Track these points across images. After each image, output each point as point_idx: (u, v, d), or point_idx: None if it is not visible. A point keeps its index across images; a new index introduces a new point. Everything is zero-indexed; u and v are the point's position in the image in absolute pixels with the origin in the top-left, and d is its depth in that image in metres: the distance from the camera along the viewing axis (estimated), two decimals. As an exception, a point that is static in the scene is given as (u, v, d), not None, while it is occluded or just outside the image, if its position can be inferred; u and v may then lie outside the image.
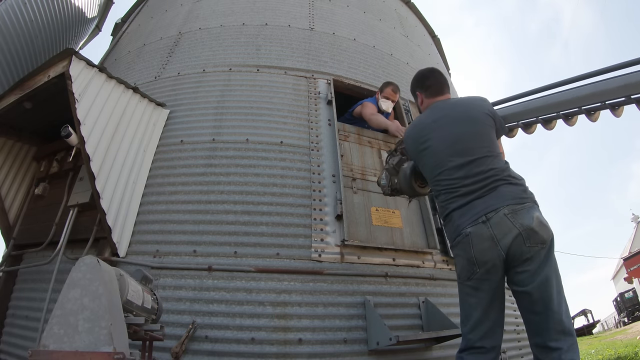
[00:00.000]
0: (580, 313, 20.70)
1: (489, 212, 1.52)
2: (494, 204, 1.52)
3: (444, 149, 1.70)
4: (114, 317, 1.20)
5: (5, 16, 4.50)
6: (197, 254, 2.38)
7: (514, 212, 1.50)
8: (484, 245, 1.51)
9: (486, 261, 1.51)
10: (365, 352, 2.19)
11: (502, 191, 1.55)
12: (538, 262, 1.48)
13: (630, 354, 5.87)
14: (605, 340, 10.37)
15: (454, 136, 1.70)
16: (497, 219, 1.50)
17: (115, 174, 2.50)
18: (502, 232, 1.49)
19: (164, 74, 3.54)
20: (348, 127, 3.16)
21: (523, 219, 1.49)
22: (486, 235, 1.50)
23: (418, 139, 1.82)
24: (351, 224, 2.58)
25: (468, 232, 1.54)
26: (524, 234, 1.47)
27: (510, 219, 1.49)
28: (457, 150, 1.67)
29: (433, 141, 1.74)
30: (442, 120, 1.77)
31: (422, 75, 2.05)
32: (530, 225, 1.48)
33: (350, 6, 4.52)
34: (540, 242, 1.48)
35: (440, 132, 1.74)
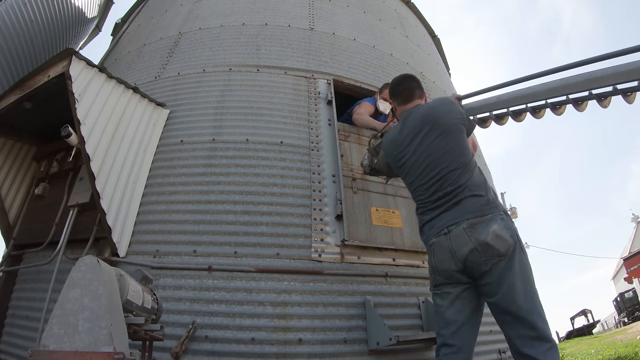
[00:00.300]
0: (580, 313, 20.70)
1: (451, 225, 1.62)
2: (456, 218, 1.62)
3: (417, 167, 1.79)
4: (114, 317, 1.20)
5: (5, 16, 4.50)
6: (197, 254, 2.38)
7: (472, 226, 1.58)
8: (443, 256, 1.63)
9: (445, 270, 1.63)
10: (365, 352, 2.19)
11: (465, 204, 1.63)
12: (498, 273, 1.53)
13: (630, 354, 5.88)
14: (605, 340, 10.37)
15: (424, 153, 1.77)
16: (456, 232, 1.59)
17: (115, 174, 2.50)
18: (458, 244, 1.58)
19: (164, 74, 3.54)
20: (348, 127, 3.16)
21: (479, 234, 1.56)
22: (445, 247, 1.62)
23: (395, 157, 1.92)
24: (351, 224, 2.59)
25: (432, 242, 1.68)
26: (479, 248, 1.54)
27: (467, 233, 1.57)
28: (428, 167, 1.74)
29: (407, 158, 1.83)
30: (413, 135, 1.82)
31: (393, 82, 2.06)
32: (485, 239, 1.54)
33: (350, 6, 4.52)
34: (496, 255, 1.54)
35: (412, 149, 1.81)
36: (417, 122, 1.82)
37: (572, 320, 21.05)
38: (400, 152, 1.87)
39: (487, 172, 4.46)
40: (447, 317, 1.62)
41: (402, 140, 1.86)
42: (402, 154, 1.85)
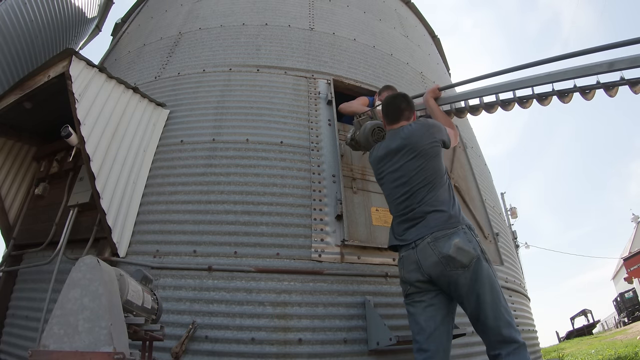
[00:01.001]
0: (580, 313, 20.68)
1: (417, 239, 1.75)
2: (421, 233, 1.75)
3: (391, 183, 1.94)
4: (114, 317, 1.20)
5: (5, 16, 4.50)
6: (197, 254, 2.38)
7: (436, 239, 1.70)
8: (410, 267, 1.75)
9: (412, 281, 1.74)
10: (365, 352, 2.19)
11: (429, 220, 1.76)
12: (467, 286, 1.63)
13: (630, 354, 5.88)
14: (606, 340, 10.37)
15: (399, 171, 1.91)
16: (422, 246, 1.72)
17: (115, 174, 2.50)
18: (424, 257, 1.71)
19: (164, 74, 3.54)
20: (348, 127, 3.16)
21: (442, 247, 1.68)
22: (412, 259, 1.75)
23: (376, 170, 2.08)
24: (351, 224, 2.58)
25: (402, 255, 1.82)
26: (443, 260, 1.66)
27: (431, 247, 1.70)
28: (401, 185, 1.89)
29: (385, 174, 1.99)
30: (392, 154, 1.96)
31: (385, 101, 2.16)
32: (447, 252, 1.65)
33: (350, 6, 4.52)
34: (459, 267, 1.64)
35: (390, 166, 1.96)
36: (398, 143, 1.95)
37: (572, 320, 21.05)
38: (380, 167, 2.03)
39: (487, 172, 4.46)
40: (421, 323, 1.71)
41: (383, 157, 2.02)
42: (382, 169, 2.02)
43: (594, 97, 2.06)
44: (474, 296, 1.62)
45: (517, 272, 3.80)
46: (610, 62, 1.93)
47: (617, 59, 1.92)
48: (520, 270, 4.62)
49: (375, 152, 2.09)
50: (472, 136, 4.61)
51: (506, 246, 3.70)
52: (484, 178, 4.08)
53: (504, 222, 4.44)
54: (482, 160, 4.53)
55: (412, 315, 1.76)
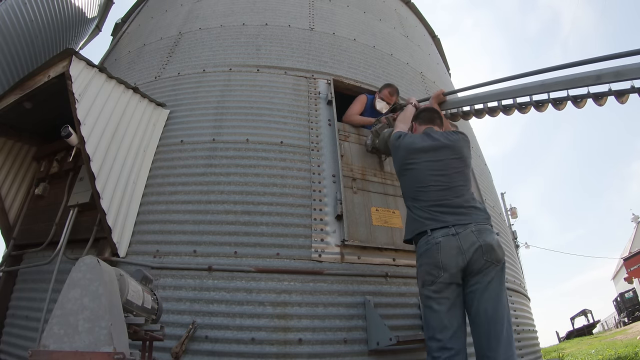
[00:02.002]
0: (580, 313, 20.68)
1: (459, 227, 1.79)
2: (463, 221, 1.81)
3: (428, 171, 1.98)
4: (114, 317, 1.20)
5: (5, 16, 4.50)
6: (197, 254, 2.38)
7: (479, 230, 1.79)
8: (451, 252, 1.75)
9: (451, 266, 1.74)
10: (366, 352, 2.19)
11: (471, 213, 1.86)
12: (489, 279, 1.73)
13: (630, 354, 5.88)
14: (606, 340, 10.37)
15: (440, 164, 2.00)
16: (465, 234, 1.77)
17: (115, 174, 2.50)
18: (467, 243, 1.75)
19: (164, 74, 3.54)
20: (348, 127, 3.16)
21: (486, 237, 1.78)
22: (454, 245, 1.76)
23: (408, 157, 2.08)
24: (351, 224, 2.58)
25: (439, 241, 1.79)
26: (484, 247, 1.74)
27: (475, 234, 1.77)
28: (440, 175, 1.96)
29: (421, 163, 2.02)
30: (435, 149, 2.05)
31: (423, 109, 2.37)
32: (491, 242, 1.77)
33: (350, 6, 4.52)
34: (495, 260, 1.75)
35: (431, 157, 2.02)
36: (444, 142, 2.07)
37: (572, 320, 21.05)
38: (414, 155, 2.07)
39: (487, 172, 4.46)
40: (445, 322, 1.72)
41: (424, 148, 2.07)
42: (416, 158, 2.05)
43: (585, 105, 2.23)
44: (493, 292, 1.72)
45: (517, 272, 3.80)
46: (598, 75, 2.10)
47: (603, 70, 2.09)
48: (520, 270, 4.62)
49: (411, 142, 2.11)
50: (472, 136, 4.61)
51: (506, 246, 3.70)
52: (484, 178, 4.09)
53: (504, 222, 4.44)
54: (482, 160, 4.53)
55: (436, 313, 1.74)
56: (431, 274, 1.78)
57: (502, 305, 1.72)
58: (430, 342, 1.74)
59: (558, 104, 2.29)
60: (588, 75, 2.14)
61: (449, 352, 1.67)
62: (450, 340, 1.68)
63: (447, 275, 1.74)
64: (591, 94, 2.16)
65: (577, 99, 2.23)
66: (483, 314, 1.70)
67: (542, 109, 2.38)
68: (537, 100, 2.37)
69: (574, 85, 2.19)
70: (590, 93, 2.16)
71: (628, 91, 2.06)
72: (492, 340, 1.67)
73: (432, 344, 1.73)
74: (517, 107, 2.47)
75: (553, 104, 2.32)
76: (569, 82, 2.21)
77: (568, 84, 2.21)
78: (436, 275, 1.76)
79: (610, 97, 2.14)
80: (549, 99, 2.31)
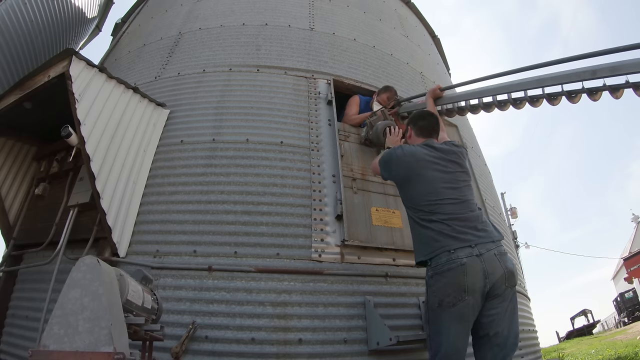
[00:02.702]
0: (580, 313, 20.68)
1: (480, 246, 1.74)
2: (483, 239, 1.76)
3: (441, 183, 1.90)
4: (114, 317, 1.20)
5: (5, 16, 4.50)
6: (197, 254, 2.38)
7: (500, 254, 1.76)
8: (477, 276, 1.69)
9: (476, 290, 1.69)
10: (366, 352, 2.19)
11: (488, 232, 1.81)
12: (507, 302, 1.75)
13: (631, 354, 5.88)
14: (606, 341, 10.37)
15: (450, 176, 1.94)
16: (489, 257, 1.73)
17: (115, 174, 2.50)
18: (492, 268, 1.71)
19: (164, 74, 3.54)
20: (348, 127, 3.16)
21: (507, 262, 1.76)
22: (479, 268, 1.70)
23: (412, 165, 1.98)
24: (351, 224, 2.58)
25: (464, 262, 1.70)
26: (507, 274, 1.73)
27: (498, 259, 1.74)
28: (451, 189, 1.89)
29: (428, 172, 1.93)
30: (443, 160, 1.98)
31: (430, 118, 2.23)
32: (511, 268, 1.76)
33: (350, 6, 4.52)
34: (512, 285, 1.76)
35: (441, 168, 1.95)
36: (449, 153, 2.01)
37: (572, 320, 21.05)
38: (419, 164, 1.96)
39: (487, 172, 4.46)
40: (459, 345, 1.70)
41: (428, 158, 1.97)
42: (423, 167, 1.95)
43: (580, 100, 2.24)
44: (512, 313, 1.76)
45: (517, 272, 3.80)
46: (593, 70, 2.09)
47: (599, 66, 2.08)
48: (521, 270, 4.62)
49: (415, 152, 2.02)
50: (472, 136, 4.61)
51: (506, 246, 3.70)
52: (484, 178, 4.08)
53: (504, 222, 4.44)
54: (482, 160, 4.53)
55: (451, 335, 1.70)
56: (453, 296, 1.69)
57: (517, 324, 1.78)
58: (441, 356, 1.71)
59: (552, 99, 2.30)
60: (584, 70, 2.14)
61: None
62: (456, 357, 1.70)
63: (471, 298, 1.68)
64: (585, 89, 2.16)
65: (571, 94, 2.23)
66: (501, 333, 1.72)
67: (537, 104, 2.39)
68: (532, 95, 2.38)
69: (570, 80, 2.19)
70: (585, 88, 2.16)
71: (623, 86, 2.06)
72: (507, 357, 1.72)
73: (438, 354, 1.71)
74: (512, 103, 2.47)
75: (547, 99, 2.33)
76: (565, 77, 2.20)
77: (564, 79, 2.21)
78: (460, 298, 1.68)
79: (604, 92, 2.14)
80: (543, 94, 2.33)
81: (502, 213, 4.56)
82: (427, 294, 1.82)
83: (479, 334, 1.77)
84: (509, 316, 1.75)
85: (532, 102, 2.39)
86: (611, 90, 2.10)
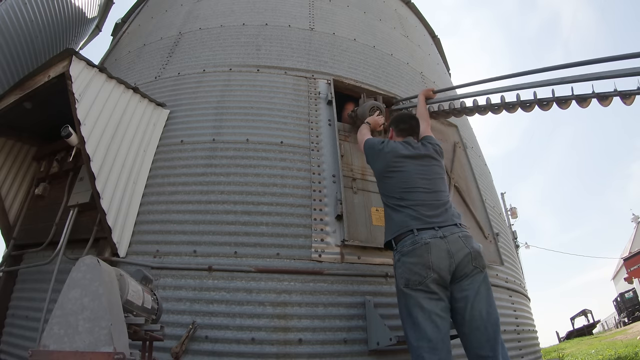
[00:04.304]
0: (580, 313, 20.67)
1: (445, 229, 1.82)
2: (449, 226, 1.84)
3: (416, 174, 2.03)
4: (114, 317, 1.20)
5: (5, 16, 4.50)
6: (197, 254, 2.38)
7: (465, 237, 1.83)
8: (441, 254, 1.75)
9: (441, 268, 1.73)
10: (366, 352, 2.19)
11: (453, 218, 1.90)
12: (477, 285, 1.76)
13: (631, 354, 5.88)
14: (606, 341, 10.37)
15: (426, 169, 2.07)
16: (453, 239, 1.79)
17: (115, 174, 2.50)
18: (456, 248, 1.77)
19: (164, 74, 3.54)
20: (348, 127, 3.16)
21: (472, 244, 1.81)
22: (443, 248, 1.77)
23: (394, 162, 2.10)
24: (351, 224, 2.58)
25: (427, 241, 1.78)
26: (473, 254, 1.78)
27: (463, 240, 1.80)
28: (426, 180, 2.02)
29: (406, 167, 2.06)
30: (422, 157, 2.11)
31: (410, 118, 2.37)
32: (478, 249, 1.81)
33: (350, 6, 4.52)
34: (481, 266, 1.79)
35: (418, 163, 2.08)
36: (429, 151, 2.14)
37: (572, 320, 21.04)
38: (400, 161, 2.10)
39: (487, 172, 4.46)
40: (437, 322, 1.69)
41: (410, 155, 2.11)
42: (402, 163, 2.09)
43: (570, 106, 2.27)
44: (485, 295, 1.75)
45: (517, 272, 3.80)
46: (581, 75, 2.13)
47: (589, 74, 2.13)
48: (521, 270, 4.62)
49: (395, 148, 2.14)
50: (472, 136, 4.61)
51: (506, 246, 3.70)
52: (484, 178, 4.08)
53: (504, 222, 4.44)
54: (482, 160, 4.52)
55: (427, 313, 1.69)
56: (419, 274, 1.73)
57: (495, 308, 1.75)
58: (419, 342, 1.67)
59: (562, 103, 2.29)
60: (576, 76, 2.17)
61: (440, 354, 1.64)
62: (442, 342, 1.66)
63: (436, 276, 1.72)
64: (596, 94, 2.15)
65: (561, 100, 2.26)
66: (478, 316, 1.70)
67: (529, 109, 2.44)
68: (524, 100, 2.41)
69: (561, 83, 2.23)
70: (574, 95, 2.18)
71: (635, 92, 2.03)
72: (491, 342, 1.67)
73: (422, 343, 1.66)
74: (505, 106, 2.51)
75: (539, 105, 2.35)
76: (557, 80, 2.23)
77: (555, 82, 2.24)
78: (424, 275, 1.72)
79: (615, 98, 2.11)
80: (535, 99, 2.35)
81: (502, 213, 4.56)
82: (395, 279, 1.88)
83: (457, 321, 1.76)
84: (484, 299, 1.73)
85: (523, 107, 2.45)
86: (622, 96, 2.07)
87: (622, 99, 2.08)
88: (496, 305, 1.79)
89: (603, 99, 2.14)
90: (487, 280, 1.81)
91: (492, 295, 1.79)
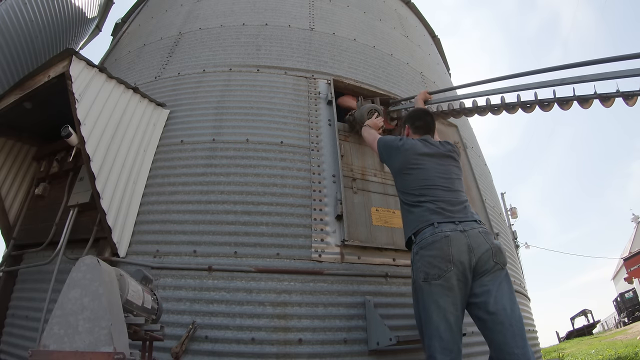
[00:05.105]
0: (580, 313, 20.67)
1: (465, 224, 1.79)
2: (470, 221, 1.82)
3: (435, 172, 2.02)
4: (114, 317, 1.20)
5: (5, 16, 4.50)
6: (197, 254, 2.38)
7: (485, 233, 1.81)
8: (461, 248, 1.72)
9: (462, 261, 1.69)
10: (366, 352, 2.19)
11: (473, 216, 1.89)
12: (499, 281, 1.72)
13: (631, 354, 5.88)
14: (606, 341, 10.37)
15: (445, 168, 2.05)
16: (474, 233, 1.77)
17: (115, 174, 2.50)
18: (477, 243, 1.74)
19: (164, 74, 3.54)
20: (348, 127, 3.16)
21: (492, 240, 1.80)
22: (463, 242, 1.74)
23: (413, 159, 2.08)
24: (351, 224, 2.58)
25: (448, 234, 1.75)
26: (494, 249, 1.75)
27: (483, 236, 1.78)
28: (445, 178, 2.00)
29: (426, 165, 2.04)
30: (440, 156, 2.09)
31: (426, 115, 2.34)
32: (498, 245, 1.78)
33: (350, 6, 4.52)
34: (501, 262, 1.76)
35: (437, 162, 2.06)
36: (448, 150, 2.14)
37: (572, 320, 21.04)
38: (419, 158, 2.08)
39: (487, 172, 4.46)
40: (450, 321, 1.66)
41: (429, 154, 2.09)
42: (421, 160, 2.07)
43: (571, 107, 2.26)
44: (507, 292, 1.70)
45: (517, 272, 3.80)
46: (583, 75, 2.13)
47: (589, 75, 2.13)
48: (521, 270, 4.62)
49: (415, 145, 2.13)
50: (472, 136, 4.61)
51: (506, 246, 3.70)
52: (484, 178, 4.08)
53: (504, 222, 4.44)
54: (482, 160, 4.53)
55: (442, 311, 1.66)
56: (438, 267, 1.68)
57: (518, 306, 1.70)
58: (432, 341, 1.65)
59: (564, 104, 2.27)
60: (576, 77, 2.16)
61: (451, 355, 1.62)
62: (453, 341, 1.63)
63: (456, 270, 1.66)
64: (598, 95, 2.13)
65: (563, 101, 2.24)
66: (502, 311, 1.64)
67: (529, 111, 2.44)
68: (525, 101, 2.40)
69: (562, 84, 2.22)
70: (597, 94, 2.13)
71: (638, 93, 2.01)
72: (517, 338, 1.61)
73: (434, 343, 1.64)
74: (521, 106, 2.45)
75: (540, 106, 2.34)
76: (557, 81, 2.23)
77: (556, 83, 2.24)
78: (444, 269, 1.67)
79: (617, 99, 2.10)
80: (536, 100, 2.34)
81: (502, 213, 4.56)
82: (413, 273, 1.85)
83: (480, 317, 1.69)
84: (507, 295, 1.68)
85: (524, 108, 2.44)
86: (624, 97, 2.06)
87: (624, 99, 2.06)
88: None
89: (605, 100, 2.13)
90: (508, 278, 1.76)
91: (514, 293, 1.74)
